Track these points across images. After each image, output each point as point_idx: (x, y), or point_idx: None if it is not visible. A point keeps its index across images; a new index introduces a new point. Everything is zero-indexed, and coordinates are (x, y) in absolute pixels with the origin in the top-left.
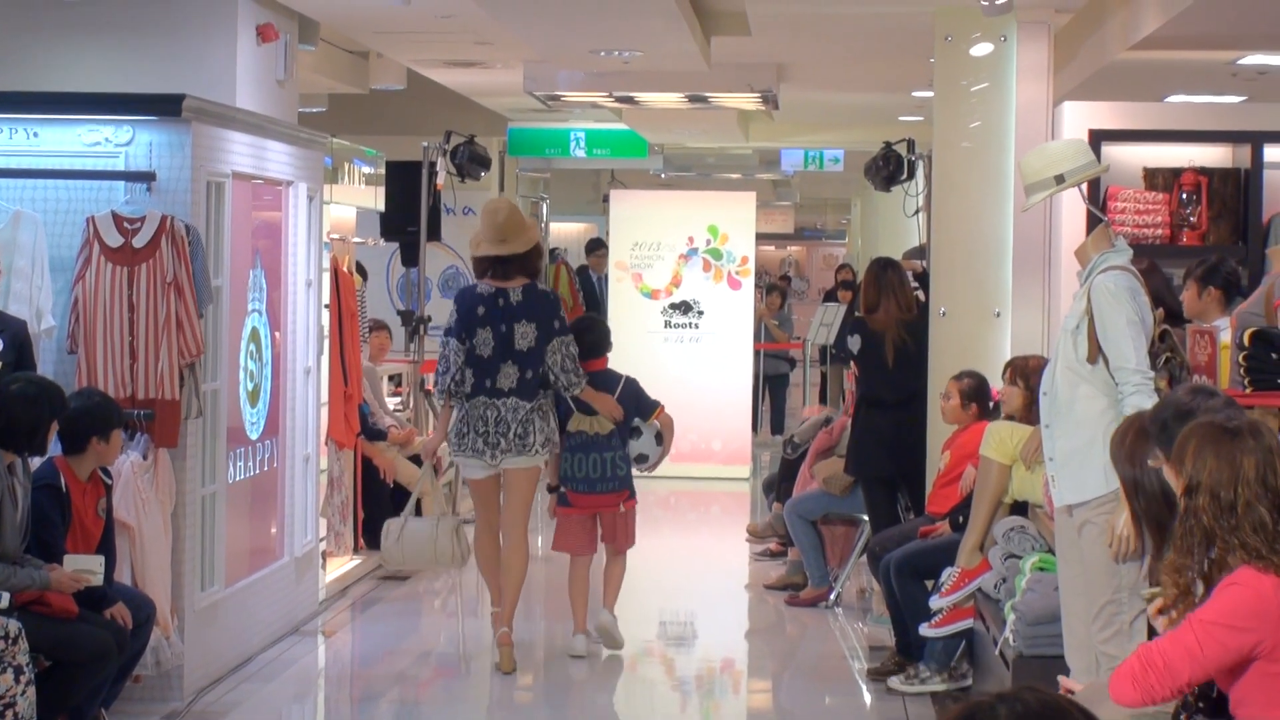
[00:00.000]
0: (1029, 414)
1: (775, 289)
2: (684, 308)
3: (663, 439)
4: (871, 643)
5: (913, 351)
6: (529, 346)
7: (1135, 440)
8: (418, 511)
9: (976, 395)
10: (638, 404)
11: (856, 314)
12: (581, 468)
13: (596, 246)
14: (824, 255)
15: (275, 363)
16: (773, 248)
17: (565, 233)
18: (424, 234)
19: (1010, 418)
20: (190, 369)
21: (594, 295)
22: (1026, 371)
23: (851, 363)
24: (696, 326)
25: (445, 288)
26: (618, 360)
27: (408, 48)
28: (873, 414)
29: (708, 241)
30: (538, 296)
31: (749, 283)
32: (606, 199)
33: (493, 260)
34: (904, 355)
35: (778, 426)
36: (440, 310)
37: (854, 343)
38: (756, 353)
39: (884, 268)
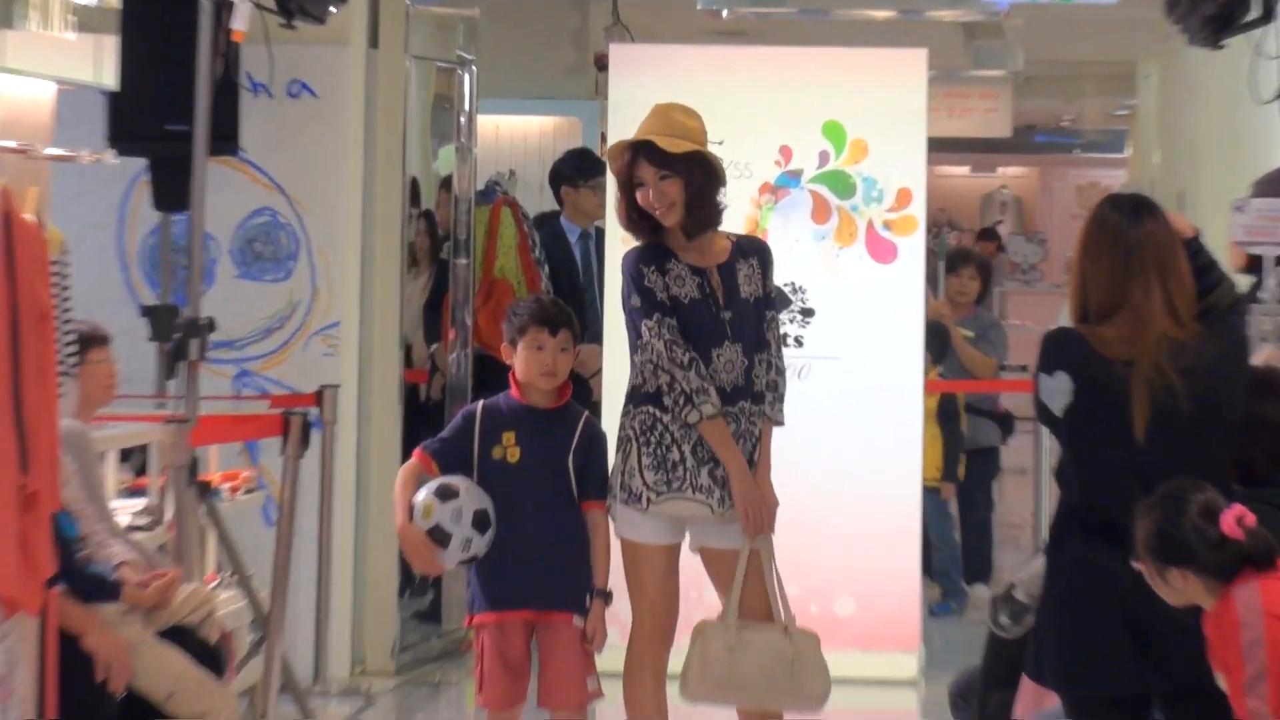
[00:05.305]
0: None
1: (969, 259)
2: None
3: (487, 526)
4: None
5: (1189, 413)
6: None
7: None
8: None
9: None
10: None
11: (1062, 324)
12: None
13: (582, 171)
14: (1078, 186)
15: None
16: (965, 170)
17: (512, 137)
18: (202, 140)
19: None
20: None
21: (570, 269)
22: None
23: (1048, 426)
24: (799, 343)
25: (247, 257)
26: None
27: None
28: (1093, 551)
29: (823, 157)
30: None
31: (913, 245)
32: (600, 65)
33: None
34: (1169, 419)
35: (979, 566)
36: (241, 301)
37: (1056, 389)
38: (945, 404)
39: (1134, 213)
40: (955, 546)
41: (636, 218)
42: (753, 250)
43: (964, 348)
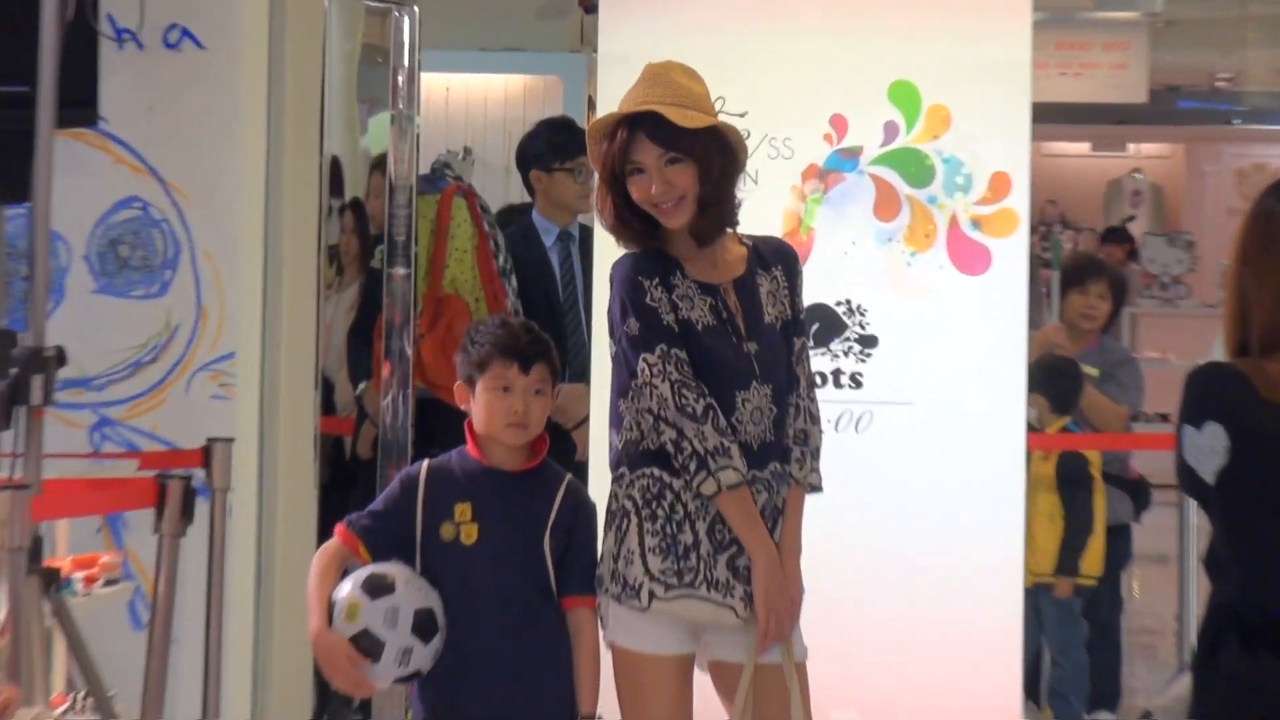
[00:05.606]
0: None
1: (1100, 271)
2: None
3: (432, 632)
4: None
5: None
6: None
7: None
8: None
9: None
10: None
11: (1215, 358)
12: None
13: (557, 150)
14: (1237, 169)
15: None
16: (1084, 148)
17: (469, 102)
18: (48, 106)
19: None
20: None
21: (545, 281)
22: None
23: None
24: (857, 383)
25: (109, 264)
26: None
27: None
28: (1257, 666)
29: (890, 130)
30: None
31: (1013, 250)
32: (588, 6)
33: None
34: None
35: (1104, 686)
36: (101, 324)
37: (1206, 447)
38: (1071, 468)
39: None
40: (1082, 661)
41: (629, 216)
42: (775, 257)
43: (1089, 391)
